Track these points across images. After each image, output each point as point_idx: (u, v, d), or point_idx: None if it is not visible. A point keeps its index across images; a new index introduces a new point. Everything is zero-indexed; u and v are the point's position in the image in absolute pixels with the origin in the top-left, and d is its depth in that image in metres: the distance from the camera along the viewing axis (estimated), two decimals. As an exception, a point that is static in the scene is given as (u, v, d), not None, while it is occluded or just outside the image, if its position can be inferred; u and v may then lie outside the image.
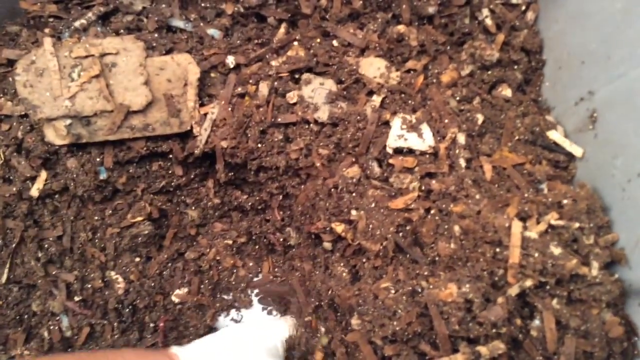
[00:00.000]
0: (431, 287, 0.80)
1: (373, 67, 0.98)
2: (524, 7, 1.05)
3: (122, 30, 1.03)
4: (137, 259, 1.07)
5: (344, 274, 0.94)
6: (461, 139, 0.92)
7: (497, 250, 0.80)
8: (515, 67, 1.03)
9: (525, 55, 1.04)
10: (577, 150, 0.92)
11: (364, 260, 0.92)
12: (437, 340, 0.78)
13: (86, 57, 0.94)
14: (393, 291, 0.84)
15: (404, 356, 0.80)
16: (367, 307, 0.84)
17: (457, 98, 0.99)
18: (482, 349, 0.75)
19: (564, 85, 0.98)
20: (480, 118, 0.96)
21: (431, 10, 1.03)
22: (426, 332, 0.80)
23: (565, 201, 0.84)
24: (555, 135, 0.94)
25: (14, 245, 0.99)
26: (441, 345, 0.77)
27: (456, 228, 0.84)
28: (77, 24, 1.02)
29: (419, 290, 0.82)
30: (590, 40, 0.91)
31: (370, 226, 0.89)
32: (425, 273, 0.85)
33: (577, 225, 0.81)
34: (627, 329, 0.80)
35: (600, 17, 0.88)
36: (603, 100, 0.88)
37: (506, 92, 1.01)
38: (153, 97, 0.96)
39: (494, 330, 0.76)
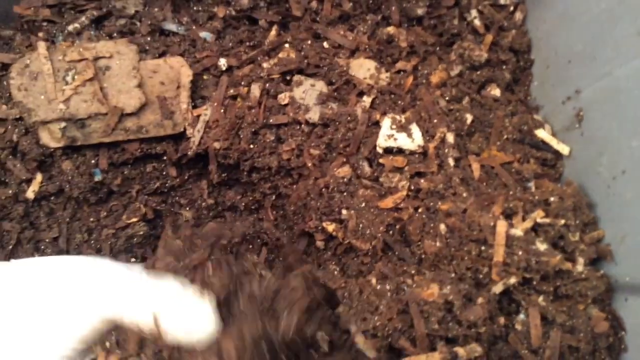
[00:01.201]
0: (414, 285, 0.82)
1: (363, 68, 1.00)
2: (512, 8, 1.07)
3: (115, 34, 1.05)
4: (133, 260, 1.08)
5: (336, 272, 0.96)
6: (450, 138, 0.94)
7: (482, 248, 0.82)
8: (504, 67, 1.04)
9: (514, 55, 1.05)
10: (564, 149, 0.94)
11: (354, 257, 0.94)
12: (416, 338, 0.80)
13: (80, 60, 0.95)
14: (378, 287, 0.85)
15: (383, 351, 0.82)
16: (352, 300, 0.86)
17: (447, 98, 1.00)
18: (460, 350, 0.77)
19: (551, 85, 1.00)
20: (469, 118, 0.97)
21: (420, 11, 1.04)
22: (406, 328, 0.81)
23: (552, 199, 0.86)
24: (542, 134, 0.95)
25: (10, 247, 1.00)
26: (419, 343, 0.79)
27: (442, 226, 0.86)
28: (70, 28, 1.03)
29: (404, 288, 0.83)
30: (576, 40, 0.92)
31: (361, 225, 0.91)
32: (412, 271, 0.86)
33: (562, 222, 0.83)
34: (614, 323, 0.81)
35: (586, 17, 0.89)
36: (589, 99, 0.89)
37: (495, 91, 1.03)
38: (146, 99, 0.97)
39: (473, 330, 0.78)
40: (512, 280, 0.79)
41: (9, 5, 1.05)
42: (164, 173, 1.06)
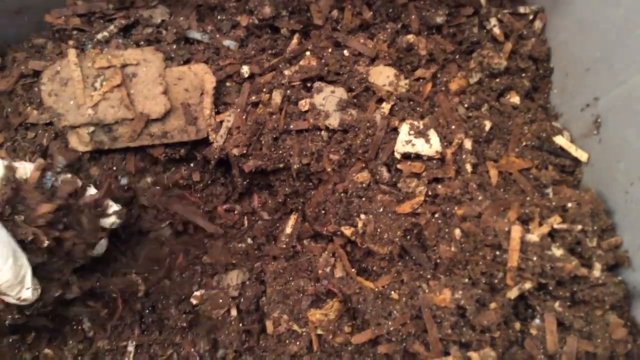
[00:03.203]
0: (427, 291, 0.83)
1: (382, 76, 1.01)
2: (531, 17, 1.08)
3: (142, 42, 1.08)
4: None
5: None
6: (468, 144, 0.95)
7: (497, 253, 0.82)
8: (523, 74, 1.05)
9: (533, 63, 1.06)
10: (582, 155, 0.94)
11: (371, 261, 0.95)
12: (429, 342, 0.81)
13: (108, 67, 0.99)
14: (393, 292, 0.87)
15: (398, 356, 0.83)
16: (367, 305, 0.87)
17: (466, 105, 1.01)
18: (473, 355, 0.78)
19: (570, 92, 1.00)
20: (487, 124, 0.98)
21: (440, 20, 1.06)
22: (420, 333, 0.83)
23: (569, 205, 0.86)
24: (561, 141, 0.96)
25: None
26: (432, 347, 0.81)
27: (457, 231, 0.87)
28: (99, 36, 1.07)
29: (420, 292, 0.85)
30: (594, 48, 0.93)
31: (378, 230, 0.92)
32: (428, 276, 0.87)
33: (580, 227, 0.83)
34: (633, 330, 0.81)
35: (604, 25, 0.90)
36: (607, 106, 0.90)
37: (514, 99, 1.03)
38: (171, 105, 1.00)
39: (487, 335, 0.79)
40: (527, 285, 0.80)
41: (40, 14, 1.10)
42: (188, 178, 1.09)
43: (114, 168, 1.04)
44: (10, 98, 1.06)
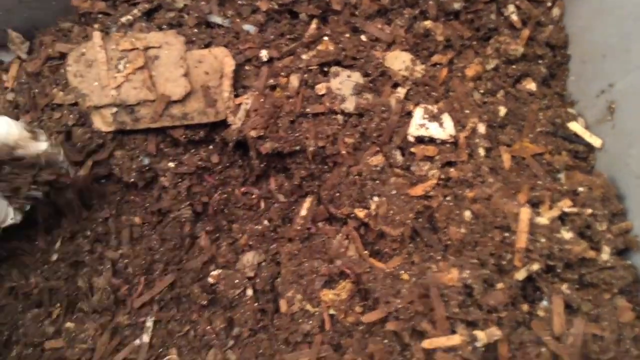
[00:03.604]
0: (435, 270, 0.85)
1: (399, 61, 1.03)
2: (549, 4, 1.08)
3: (164, 26, 1.11)
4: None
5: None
6: (481, 128, 0.96)
7: (506, 235, 0.84)
8: (540, 61, 1.05)
9: (550, 50, 1.06)
10: (596, 141, 0.94)
11: (384, 243, 0.97)
12: (436, 321, 0.83)
13: (131, 50, 1.02)
14: (402, 272, 0.88)
15: (406, 333, 0.85)
16: (377, 284, 0.89)
17: (481, 91, 1.02)
18: (480, 333, 0.79)
19: (587, 79, 1.01)
20: (502, 110, 0.99)
21: (457, 6, 1.06)
22: (428, 312, 0.84)
23: (580, 189, 0.87)
24: (575, 127, 0.97)
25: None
26: (439, 325, 0.82)
27: (467, 213, 0.88)
28: (123, 19, 1.10)
29: (429, 273, 0.86)
30: (611, 35, 0.93)
31: (391, 212, 0.94)
32: (438, 257, 0.89)
33: (590, 211, 0.84)
34: (642, 315, 0.82)
35: (620, 12, 0.90)
36: (621, 91, 0.90)
37: (530, 85, 1.04)
38: (192, 88, 1.03)
39: (494, 314, 0.80)
40: (535, 266, 0.81)
41: (67, -1, 1.13)
42: (207, 159, 1.12)
43: (136, 149, 1.07)
44: (38, 80, 1.10)
